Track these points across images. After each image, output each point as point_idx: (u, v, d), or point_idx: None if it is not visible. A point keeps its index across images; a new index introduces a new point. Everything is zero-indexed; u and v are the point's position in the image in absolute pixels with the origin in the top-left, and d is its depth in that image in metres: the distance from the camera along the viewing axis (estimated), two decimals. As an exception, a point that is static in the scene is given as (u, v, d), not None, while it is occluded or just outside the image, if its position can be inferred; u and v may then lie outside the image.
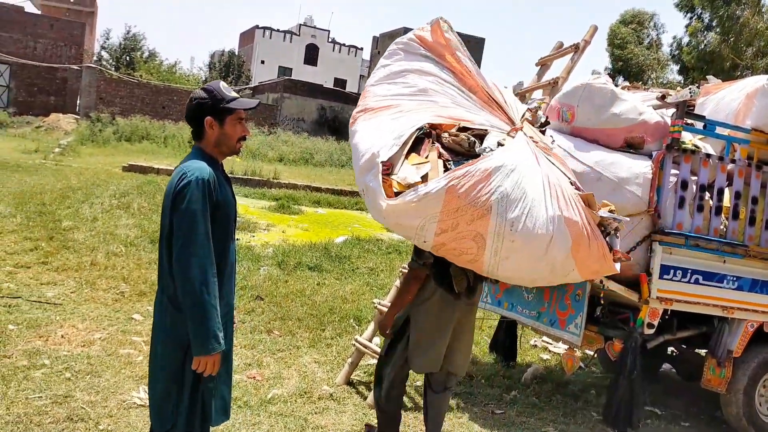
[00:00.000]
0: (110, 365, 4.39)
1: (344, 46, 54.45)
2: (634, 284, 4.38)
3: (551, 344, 6.52)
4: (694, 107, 4.74)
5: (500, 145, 3.23)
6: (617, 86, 4.91)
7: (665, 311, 4.46)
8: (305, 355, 5.24)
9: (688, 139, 4.55)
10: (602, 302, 4.42)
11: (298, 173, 19.49)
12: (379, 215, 3.16)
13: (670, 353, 5.82)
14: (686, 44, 29.17)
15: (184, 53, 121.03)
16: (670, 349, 5.73)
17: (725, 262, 4.47)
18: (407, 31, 4.26)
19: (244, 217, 11.00)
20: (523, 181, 3.07)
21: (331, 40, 54.14)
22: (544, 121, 4.00)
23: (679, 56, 31.44)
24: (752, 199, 4.54)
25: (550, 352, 6.39)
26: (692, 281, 4.38)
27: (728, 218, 4.52)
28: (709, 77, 5.82)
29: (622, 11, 36.15)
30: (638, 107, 4.44)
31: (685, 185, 4.36)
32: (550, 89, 4.84)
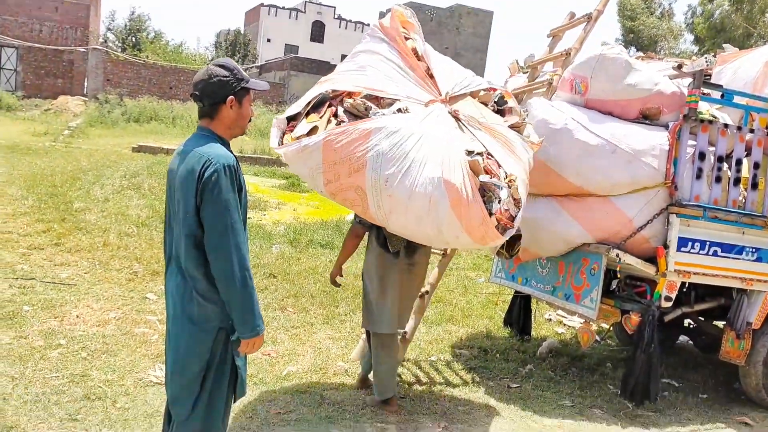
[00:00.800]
0: (126, 344, 4.41)
1: (350, 22, 53.90)
2: (651, 257, 4.34)
3: (566, 318, 6.50)
4: (710, 76, 4.65)
5: (400, 111, 3.47)
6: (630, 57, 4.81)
7: (683, 284, 4.42)
8: (319, 331, 5.24)
9: (705, 109, 4.46)
10: (618, 276, 4.37)
11: (306, 152, 19.40)
12: None
13: (686, 325, 5.79)
14: (700, 14, 28.69)
15: (189, 33, 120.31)
16: (686, 321, 5.69)
17: (744, 233, 4.41)
18: (413, 5, 4.79)
19: (254, 195, 11.00)
20: (405, 143, 3.30)
21: (337, 16, 53.62)
22: (499, 99, 3.97)
23: (693, 26, 30.92)
24: (771, 169, 4.46)
25: (565, 325, 6.37)
26: (710, 253, 4.33)
27: (747, 189, 4.44)
28: (725, 46, 5.69)
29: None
30: (654, 77, 4.34)
31: (702, 156, 4.28)
32: (562, 61, 4.73)
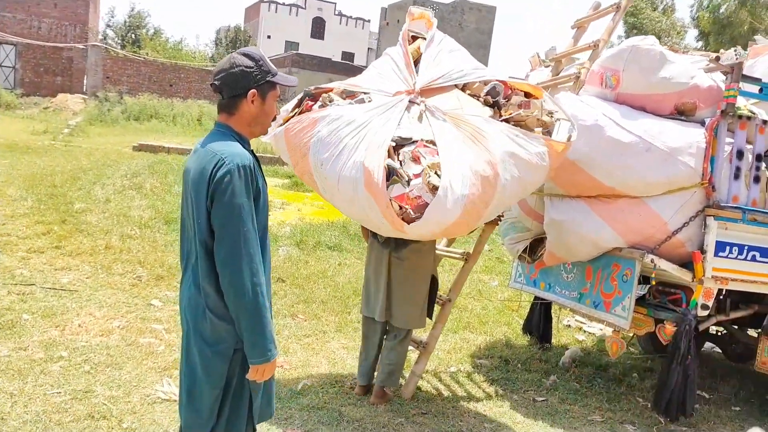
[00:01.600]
0: (131, 356, 4.17)
1: (351, 18, 53.61)
2: (685, 263, 4.09)
3: (586, 324, 6.26)
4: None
5: (362, 102, 3.65)
6: None
7: (719, 291, 4.17)
8: (332, 340, 5.01)
9: (741, 104, 4.21)
10: (653, 283, 4.12)
11: (309, 149, 19.16)
12: None
13: (714, 333, 5.54)
14: (704, 8, 28.40)
15: (189, 30, 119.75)
16: (714, 328, 5.45)
17: (784, 237, 4.16)
18: (416, 1, 4.98)
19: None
20: (342, 129, 3.40)
21: (337, 12, 53.32)
22: (492, 91, 3.75)
23: (698, 20, 30.63)
24: (814, 168, 4.21)
25: (585, 332, 6.14)
26: (749, 258, 4.07)
27: (787, 190, 4.19)
28: (757, 37, 5.43)
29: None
30: (689, 70, 4.09)
31: (740, 155, 4.03)
32: (590, 53, 4.48)
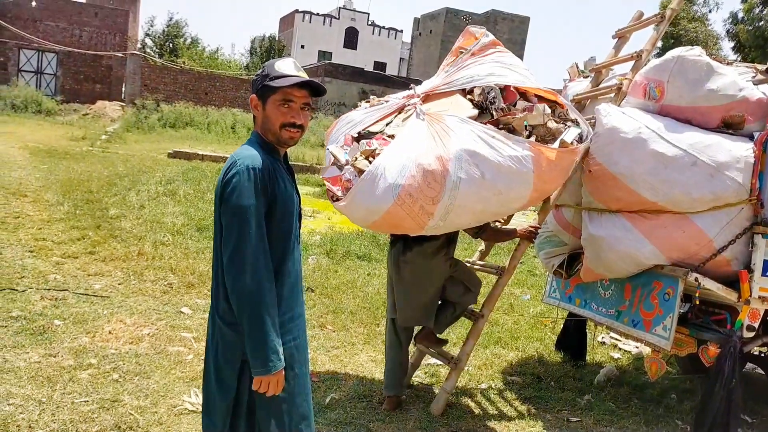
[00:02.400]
0: (159, 365, 4.15)
1: (384, 28, 53.84)
2: (729, 281, 3.92)
3: (621, 341, 6.06)
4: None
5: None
6: None
7: (766, 311, 3.98)
8: (361, 352, 4.93)
9: (792, 117, 4.02)
10: (696, 302, 3.95)
11: (341, 158, 19.21)
12: None
13: (757, 353, 5.30)
14: (741, 20, 27.80)
15: (225, 39, 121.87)
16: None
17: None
18: (449, 11, 5.24)
19: (289, 204, 10.77)
20: (343, 128, 3.90)
21: (370, 23, 53.60)
22: (489, 95, 3.76)
23: (735, 32, 30.03)
24: None
25: (620, 350, 5.93)
26: (799, 278, 3.87)
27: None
28: None
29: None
30: (738, 82, 3.92)
31: (790, 170, 3.84)
32: (632, 64, 4.34)
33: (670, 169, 3.78)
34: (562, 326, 5.54)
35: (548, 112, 3.71)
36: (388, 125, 3.75)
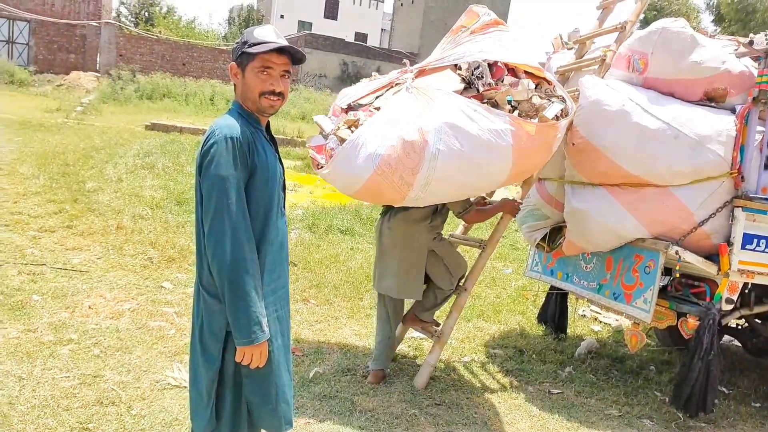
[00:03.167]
0: (141, 340, 4.11)
1: (365, -1, 53.03)
2: (710, 255, 3.96)
3: (601, 314, 6.14)
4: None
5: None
6: None
7: (745, 284, 4.04)
8: (344, 326, 4.93)
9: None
10: (676, 275, 3.99)
11: (322, 131, 19.05)
12: None
13: (734, 325, 5.41)
14: (724, -7, 27.92)
15: (202, 9, 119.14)
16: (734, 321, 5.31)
17: (814, 230, 4.00)
18: None
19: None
20: (341, 100, 4.01)
21: (351, -8, 52.72)
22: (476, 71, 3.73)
23: (715, 6, 30.16)
24: None
25: (600, 322, 6.02)
26: (777, 251, 3.93)
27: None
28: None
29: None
30: (721, 55, 3.92)
31: (772, 144, 3.87)
32: (616, 35, 4.31)
33: (652, 142, 3.79)
34: (543, 299, 5.59)
35: (532, 87, 3.69)
36: (377, 98, 3.78)
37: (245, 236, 1.99)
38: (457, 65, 3.80)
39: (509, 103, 3.63)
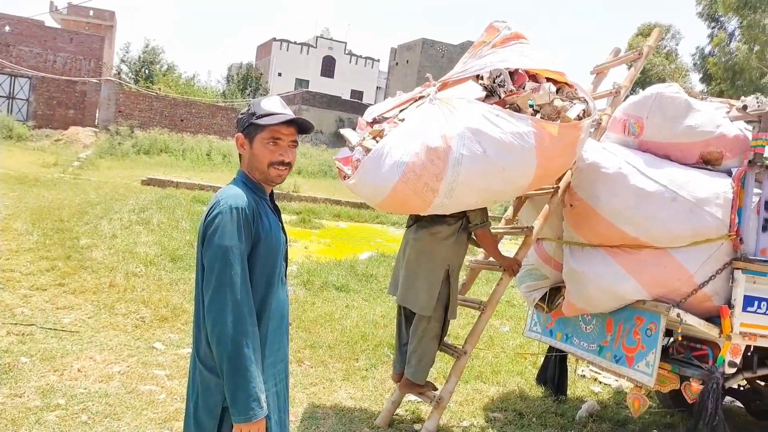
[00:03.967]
0: (130, 405, 3.98)
1: (361, 57, 54.40)
2: (711, 317, 3.91)
3: (601, 374, 6.03)
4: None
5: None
6: None
7: (747, 347, 3.98)
8: (340, 389, 4.81)
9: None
10: (679, 338, 3.93)
11: (317, 186, 19.19)
12: None
13: (736, 386, 5.30)
14: (710, 54, 28.69)
15: (201, 67, 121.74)
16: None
17: (815, 292, 3.97)
18: (425, 42, 5.54)
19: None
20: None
21: (347, 52, 54.13)
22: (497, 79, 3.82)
23: (702, 65, 30.98)
24: None
25: (600, 383, 5.90)
26: (779, 314, 3.89)
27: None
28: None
29: (639, 24, 35.85)
30: (715, 119, 3.98)
31: (768, 206, 3.89)
32: (612, 99, 4.39)
33: (650, 204, 3.79)
34: (542, 360, 5.49)
35: (553, 90, 3.75)
36: (401, 111, 3.92)
37: (247, 309, 1.95)
38: (479, 76, 3.86)
39: (531, 107, 3.68)
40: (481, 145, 3.39)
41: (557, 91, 3.84)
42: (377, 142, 3.63)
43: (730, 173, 3.95)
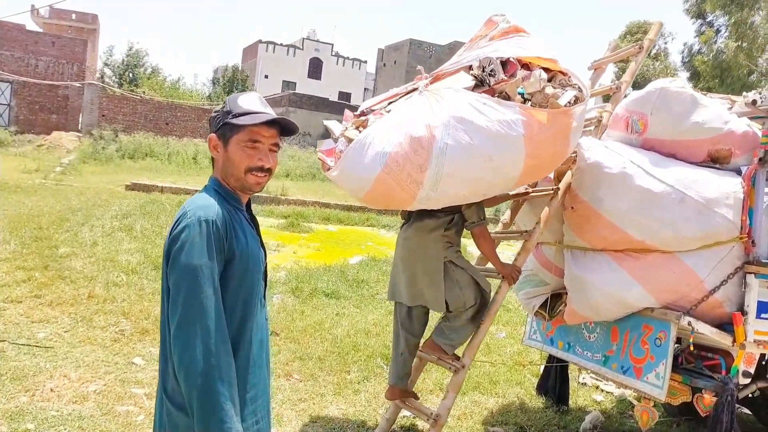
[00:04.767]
0: (106, 429, 3.71)
1: (348, 59, 54.18)
2: (722, 324, 3.70)
3: (602, 383, 5.81)
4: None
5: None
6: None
7: (762, 355, 3.78)
8: (331, 404, 4.56)
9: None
10: (690, 348, 3.71)
11: (306, 189, 18.90)
12: None
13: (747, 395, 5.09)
14: (698, 52, 28.71)
15: (187, 70, 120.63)
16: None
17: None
18: (413, 42, 5.39)
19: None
20: None
21: (334, 53, 53.88)
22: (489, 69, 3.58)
23: (690, 63, 30.97)
24: None
25: (602, 391, 5.68)
26: (794, 320, 3.68)
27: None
28: None
29: (627, 23, 35.86)
30: (723, 115, 3.77)
31: (781, 206, 3.68)
32: (612, 96, 4.17)
33: (657, 205, 3.57)
34: (542, 369, 5.27)
35: (545, 77, 3.53)
36: (390, 104, 3.77)
37: (219, 337, 1.68)
38: (470, 66, 3.66)
39: (521, 95, 3.46)
40: (467, 133, 3.20)
41: (551, 79, 3.62)
42: (360, 132, 3.52)
43: (739, 172, 3.74)
